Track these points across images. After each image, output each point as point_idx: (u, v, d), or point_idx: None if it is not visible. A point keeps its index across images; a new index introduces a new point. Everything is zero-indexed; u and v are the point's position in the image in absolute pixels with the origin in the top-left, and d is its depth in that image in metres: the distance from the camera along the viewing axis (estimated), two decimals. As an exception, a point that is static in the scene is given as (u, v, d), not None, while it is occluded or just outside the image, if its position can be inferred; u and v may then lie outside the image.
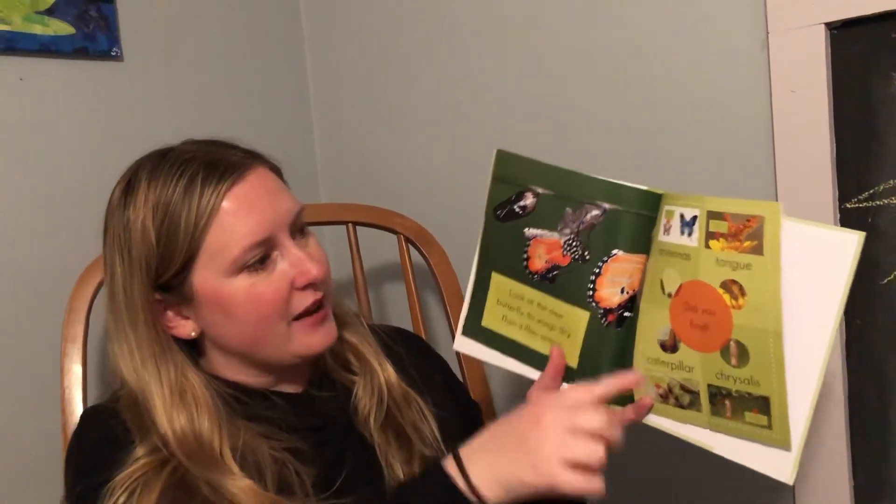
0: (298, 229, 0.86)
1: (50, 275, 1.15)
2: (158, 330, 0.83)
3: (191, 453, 0.79)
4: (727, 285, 0.74)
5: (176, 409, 0.81)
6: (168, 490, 0.77)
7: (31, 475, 1.11)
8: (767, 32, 1.05)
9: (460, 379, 1.15)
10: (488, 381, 1.26)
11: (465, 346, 0.95)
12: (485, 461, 0.74)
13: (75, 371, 1.03)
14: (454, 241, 1.29)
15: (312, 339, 0.86)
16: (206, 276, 0.81)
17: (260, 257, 0.81)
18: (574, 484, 0.70)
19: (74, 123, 1.22)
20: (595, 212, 0.83)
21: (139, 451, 0.79)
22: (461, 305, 1.26)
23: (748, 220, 0.73)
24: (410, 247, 1.29)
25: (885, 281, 1.03)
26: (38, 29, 1.15)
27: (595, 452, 0.71)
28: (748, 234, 0.73)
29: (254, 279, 0.81)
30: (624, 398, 0.83)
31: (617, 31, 1.18)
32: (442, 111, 1.40)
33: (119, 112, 1.27)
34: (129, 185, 0.84)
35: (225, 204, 0.80)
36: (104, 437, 0.82)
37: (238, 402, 0.85)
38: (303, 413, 0.89)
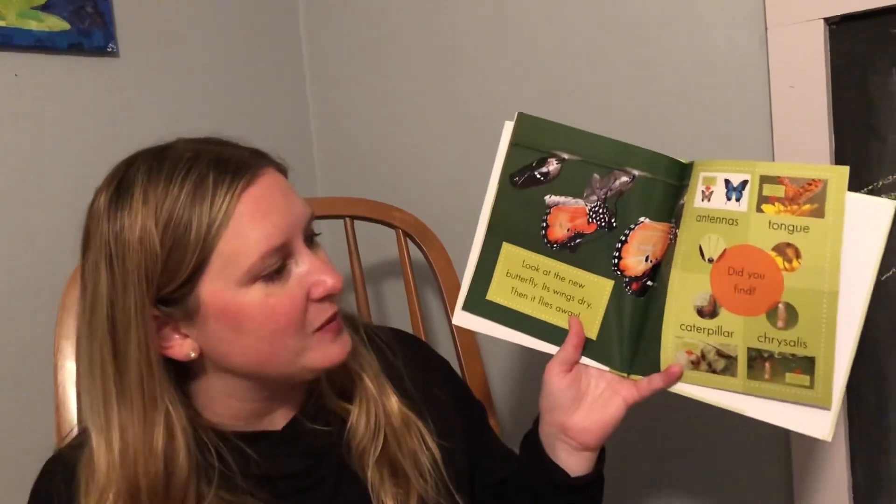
0: (309, 236, 0.79)
1: (44, 271, 1.16)
2: (151, 354, 0.72)
3: (152, 482, 0.72)
4: (781, 248, 0.77)
5: (158, 459, 0.73)
6: None
7: (27, 473, 1.11)
8: (766, 27, 1.04)
9: (462, 378, 1.11)
10: (488, 380, 1.25)
11: (466, 320, 0.92)
12: None
13: (69, 367, 1.02)
14: (453, 236, 1.29)
15: (330, 352, 0.78)
16: (216, 287, 0.72)
17: (277, 266, 0.74)
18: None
19: (69, 120, 1.22)
20: (624, 178, 0.83)
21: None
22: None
23: (809, 184, 0.76)
24: (409, 241, 1.28)
25: (885, 277, 1.03)
26: (32, 25, 1.15)
27: None
28: (808, 198, 0.76)
29: (270, 289, 0.73)
30: (650, 366, 0.83)
31: (616, 25, 1.18)
32: (440, 105, 1.40)
33: (114, 109, 1.27)
34: (119, 188, 0.73)
35: (240, 207, 0.71)
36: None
37: (215, 454, 0.77)
38: (286, 455, 0.82)
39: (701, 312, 0.80)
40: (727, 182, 0.79)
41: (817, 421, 0.77)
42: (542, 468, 0.88)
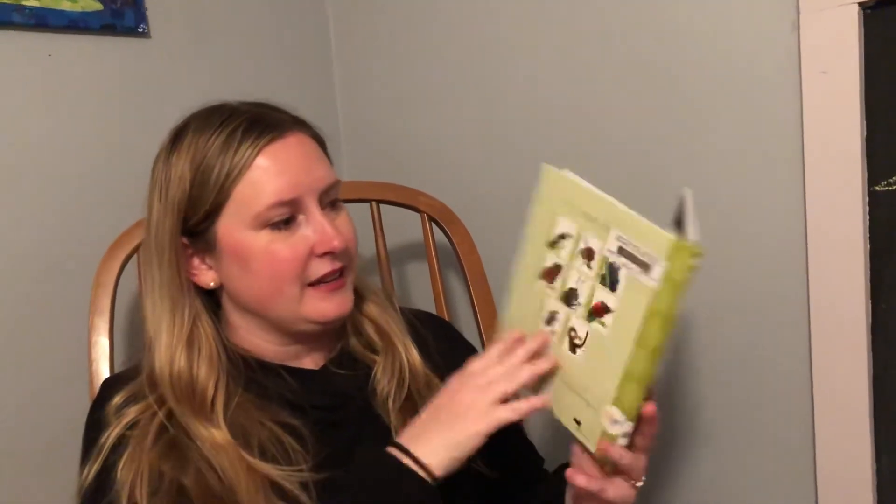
0: (330, 201, 0.87)
1: (76, 249, 1.17)
2: (181, 273, 0.85)
3: (181, 395, 0.82)
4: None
5: (179, 351, 0.84)
6: (160, 446, 0.79)
7: (62, 446, 1.14)
8: (798, 12, 1.03)
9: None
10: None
11: None
12: (423, 438, 0.77)
13: (102, 343, 1.04)
14: (478, 221, 1.29)
15: (325, 306, 0.85)
16: (230, 227, 0.83)
17: (285, 218, 0.83)
18: (510, 413, 0.76)
19: (101, 99, 1.23)
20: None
21: (131, 410, 0.82)
22: (484, 285, 1.27)
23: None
24: (434, 226, 1.29)
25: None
26: (66, 5, 1.16)
27: (513, 380, 0.77)
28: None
29: (275, 237, 0.83)
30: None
31: (645, 10, 1.17)
32: (468, 89, 1.40)
33: (145, 89, 1.28)
34: (177, 134, 0.87)
35: (259, 160, 0.82)
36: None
37: (248, 368, 0.87)
38: (317, 391, 0.89)
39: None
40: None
41: None
42: None
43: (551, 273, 0.81)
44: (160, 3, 1.29)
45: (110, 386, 0.87)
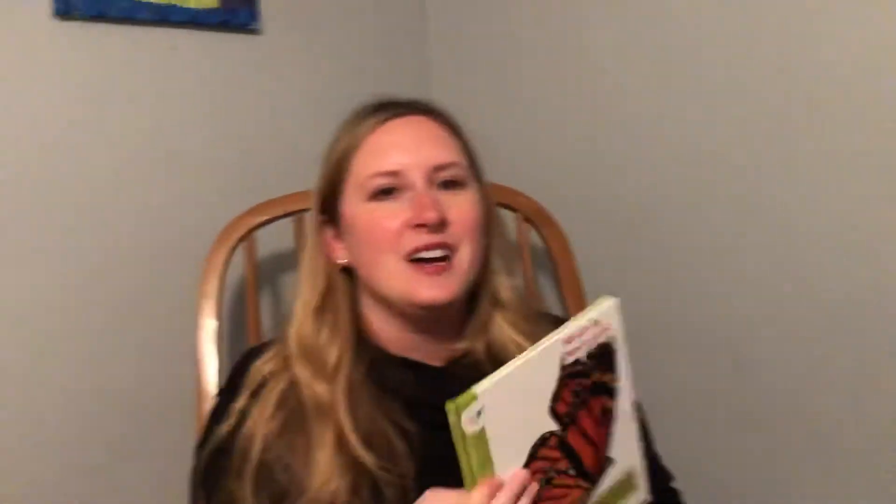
0: (445, 182, 0.87)
1: (188, 234, 1.22)
2: (321, 249, 0.90)
3: (304, 354, 0.85)
4: None
5: (309, 317, 0.87)
6: (279, 419, 0.81)
7: (167, 424, 1.19)
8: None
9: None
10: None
11: None
12: None
13: (209, 325, 1.09)
14: (574, 223, 1.29)
15: (419, 287, 0.83)
16: (349, 200, 0.87)
17: (387, 188, 0.85)
18: None
19: (216, 91, 1.28)
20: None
21: (263, 375, 0.85)
22: (577, 288, 1.27)
23: None
24: (528, 226, 1.29)
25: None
26: (190, 2, 1.22)
27: None
28: None
29: (376, 206, 0.85)
30: None
31: (782, 9, 1.13)
32: (568, 88, 1.39)
33: (255, 82, 1.33)
34: (339, 127, 0.92)
35: (374, 135, 0.87)
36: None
37: (372, 355, 0.87)
38: (434, 389, 0.82)
39: None
40: None
41: None
42: None
43: None
44: (272, 1, 1.33)
45: (250, 354, 0.90)
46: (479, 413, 0.65)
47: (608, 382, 0.74)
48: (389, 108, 0.89)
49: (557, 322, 0.87)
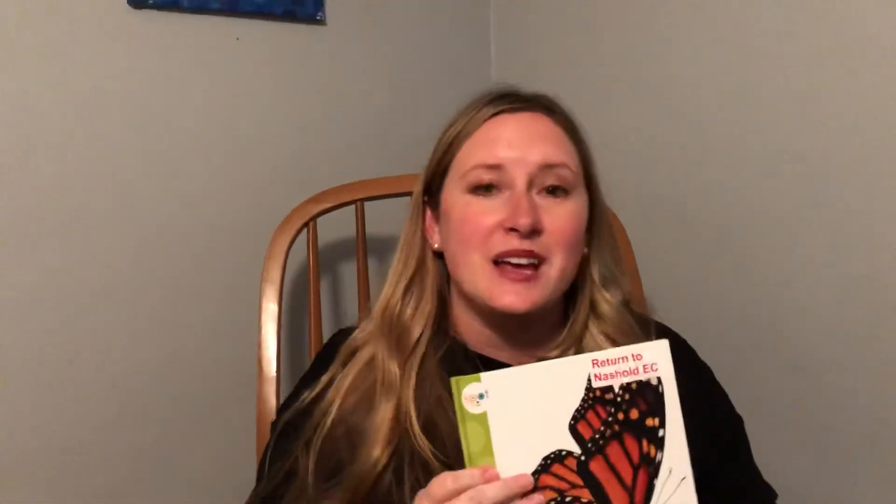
0: (550, 188, 0.83)
1: (252, 221, 1.25)
2: (419, 230, 0.90)
3: (384, 327, 0.85)
4: None
5: (396, 292, 0.87)
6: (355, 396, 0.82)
7: (227, 400, 1.23)
8: None
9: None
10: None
11: None
12: None
13: (271, 309, 1.11)
14: (632, 220, 1.28)
15: (500, 291, 0.80)
16: (450, 188, 0.86)
17: (486, 183, 0.82)
18: None
19: (280, 81, 1.31)
20: None
21: (349, 351, 0.87)
22: (637, 285, 1.25)
23: None
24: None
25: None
26: (257, -8, 1.24)
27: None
28: None
29: (473, 200, 0.83)
30: None
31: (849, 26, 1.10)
32: (624, 85, 1.38)
33: (319, 73, 1.35)
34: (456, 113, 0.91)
35: (484, 126, 0.85)
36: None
37: (451, 345, 0.86)
38: None
39: None
40: None
41: None
42: None
43: None
44: (338, -8, 1.35)
45: (340, 332, 0.93)
46: (481, 395, 0.66)
47: (650, 425, 0.69)
48: (506, 100, 0.86)
49: (663, 333, 0.88)
